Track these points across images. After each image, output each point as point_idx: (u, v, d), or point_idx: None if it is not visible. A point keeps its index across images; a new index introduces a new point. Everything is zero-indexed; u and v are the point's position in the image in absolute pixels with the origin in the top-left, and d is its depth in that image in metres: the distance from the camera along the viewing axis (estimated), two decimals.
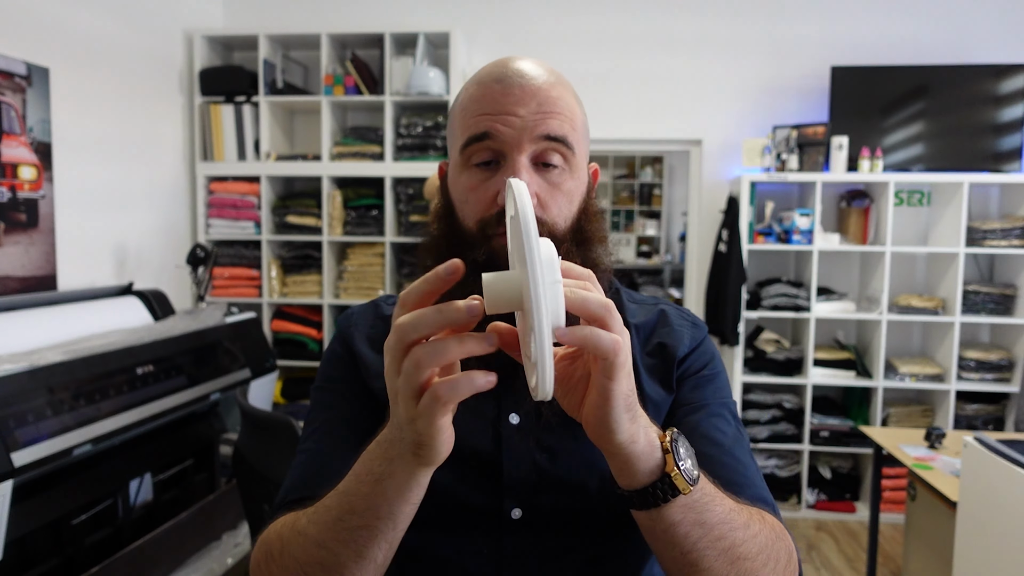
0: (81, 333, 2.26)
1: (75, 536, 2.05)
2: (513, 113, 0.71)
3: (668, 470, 0.57)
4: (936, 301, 3.35)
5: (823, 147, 3.32)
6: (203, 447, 2.64)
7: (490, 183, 0.73)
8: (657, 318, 0.84)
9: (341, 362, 0.83)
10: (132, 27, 3.02)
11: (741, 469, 0.73)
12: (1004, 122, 3.27)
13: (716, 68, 3.56)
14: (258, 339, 2.85)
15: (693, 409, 0.77)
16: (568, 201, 0.74)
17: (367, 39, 3.51)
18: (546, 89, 0.73)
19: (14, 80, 2.40)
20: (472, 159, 0.73)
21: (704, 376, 0.80)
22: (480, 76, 0.75)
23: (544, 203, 0.73)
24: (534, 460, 0.75)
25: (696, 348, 0.82)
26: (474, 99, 0.74)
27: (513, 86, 0.72)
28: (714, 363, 0.83)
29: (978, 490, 1.68)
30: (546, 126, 0.71)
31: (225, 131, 3.45)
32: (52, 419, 1.83)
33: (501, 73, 0.73)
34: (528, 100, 0.71)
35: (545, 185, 0.73)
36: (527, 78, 0.73)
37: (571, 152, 0.73)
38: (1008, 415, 3.36)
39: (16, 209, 2.43)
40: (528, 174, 0.71)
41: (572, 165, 0.74)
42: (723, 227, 3.43)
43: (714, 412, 0.77)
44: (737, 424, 0.78)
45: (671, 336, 0.82)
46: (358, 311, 0.88)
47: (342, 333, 0.86)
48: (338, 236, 3.49)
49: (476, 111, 0.73)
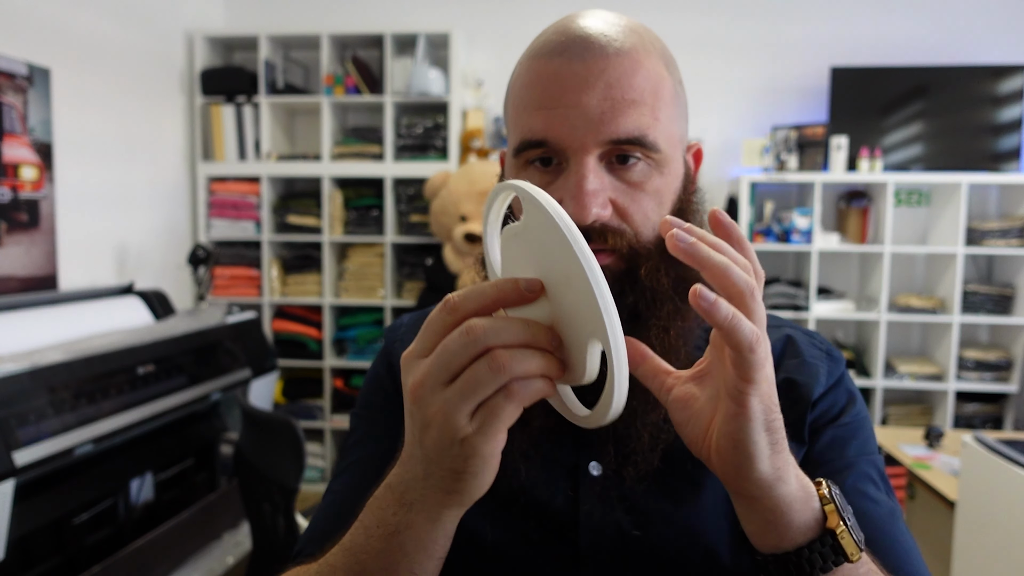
0: (82, 333, 2.26)
1: (76, 535, 2.05)
2: (575, 104, 0.55)
3: (832, 526, 0.44)
4: (935, 301, 3.35)
5: (822, 147, 3.32)
6: (204, 447, 2.64)
7: (553, 189, 0.58)
8: (783, 347, 0.67)
9: (380, 385, 0.71)
10: (133, 27, 3.02)
11: (900, 552, 0.56)
12: (1003, 122, 3.28)
13: (716, 68, 3.56)
14: (258, 339, 2.85)
15: (835, 471, 0.61)
16: (656, 203, 0.59)
17: (367, 39, 3.51)
18: (619, 61, 0.56)
19: (15, 80, 2.41)
20: (529, 157, 0.60)
21: (845, 425, 0.63)
22: (536, 47, 0.60)
23: (623, 210, 0.57)
24: (619, 524, 0.59)
25: (834, 387, 0.65)
26: (527, 84, 0.59)
27: (574, 61, 0.56)
28: (856, 407, 0.65)
29: (977, 490, 1.69)
30: (616, 125, 0.55)
31: (226, 131, 3.46)
32: (53, 419, 1.83)
33: (560, 43, 0.57)
34: (594, 82, 0.55)
35: (623, 187, 0.57)
36: (594, 48, 0.56)
37: (653, 150, 0.57)
38: (1007, 415, 3.37)
39: (17, 209, 2.43)
40: (597, 178, 0.56)
41: (658, 160, 0.58)
42: None
43: (861, 475, 0.61)
44: (888, 490, 0.62)
45: (803, 371, 0.64)
46: (408, 320, 0.75)
47: (386, 348, 0.74)
48: (338, 236, 3.49)
49: (530, 102, 0.58)
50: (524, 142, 0.58)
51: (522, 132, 0.58)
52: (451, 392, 0.40)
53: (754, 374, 0.40)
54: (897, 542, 0.57)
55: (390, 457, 0.65)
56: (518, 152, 0.59)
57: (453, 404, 0.40)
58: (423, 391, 0.41)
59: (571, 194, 0.55)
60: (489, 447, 0.41)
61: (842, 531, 0.43)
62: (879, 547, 0.55)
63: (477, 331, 0.39)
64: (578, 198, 0.55)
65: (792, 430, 0.61)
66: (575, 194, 0.55)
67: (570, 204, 0.55)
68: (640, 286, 0.57)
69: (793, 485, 0.43)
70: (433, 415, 0.41)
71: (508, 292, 0.41)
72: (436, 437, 0.41)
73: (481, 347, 0.39)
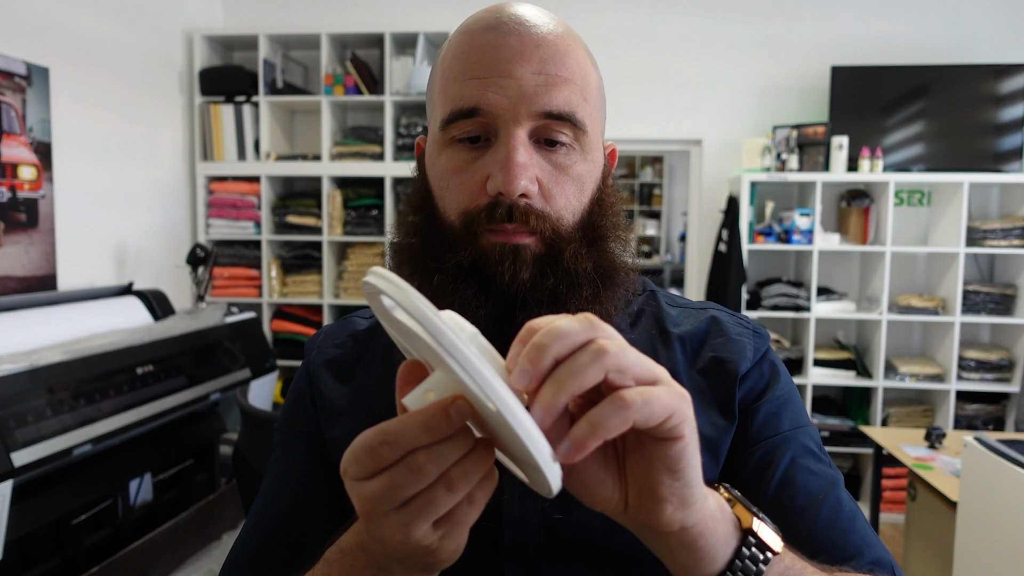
0: (81, 333, 2.26)
1: (75, 536, 2.04)
2: (508, 74, 0.56)
3: (748, 525, 0.43)
4: (936, 301, 3.35)
5: (823, 147, 3.32)
6: (203, 447, 2.64)
7: (477, 165, 0.58)
8: (708, 326, 0.67)
9: (300, 401, 0.70)
10: (132, 27, 3.02)
11: (845, 523, 0.58)
12: (1004, 122, 3.27)
13: (716, 68, 3.55)
14: (258, 339, 2.85)
15: (774, 447, 0.61)
16: (578, 189, 0.60)
17: (367, 39, 3.51)
18: (552, 41, 0.57)
19: (14, 80, 2.40)
20: (454, 134, 0.59)
21: (776, 399, 0.63)
22: (468, 24, 0.60)
23: (547, 191, 0.58)
24: (543, 515, 0.59)
25: (759, 361, 0.65)
26: (459, 56, 0.58)
27: (509, 35, 0.57)
28: (783, 379, 0.65)
29: (978, 490, 1.68)
30: (549, 98, 0.56)
31: (225, 131, 3.45)
32: (52, 419, 1.83)
33: (494, 19, 0.58)
34: (529, 55, 0.56)
35: (549, 168, 0.58)
36: (528, 26, 0.57)
37: (582, 132, 0.59)
38: (1008, 415, 3.36)
39: (16, 209, 2.43)
40: (527, 152, 0.56)
41: (584, 144, 0.59)
42: (723, 227, 3.43)
43: (800, 448, 0.61)
44: (827, 459, 0.63)
45: (729, 348, 0.64)
46: (327, 330, 0.74)
47: (305, 358, 0.72)
48: (338, 236, 3.49)
49: (461, 73, 0.57)
50: (455, 112, 0.57)
51: (453, 102, 0.57)
52: (408, 515, 0.38)
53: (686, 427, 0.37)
54: (842, 512, 0.58)
55: (303, 476, 0.66)
56: (446, 124, 0.58)
57: (412, 524, 0.38)
58: (375, 514, 0.39)
59: (500, 165, 0.55)
60: (456, 544, 0.40)
61: (759, 526, 0.43)
62: (824, 522, 0.57)
63: (427, 468, 0.37)
64: (508, 169, 0.55)
65: (721, 408, 0.62)
66: (504, 165, 0.55)
67: (499, 175, 0.55)
68: (562, 269, 0.58)
69: (710, 503, 0.42)
70: (391, 534, 0.39)
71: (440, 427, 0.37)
72: (398, 548, 0.40)
73: (431, 480, 0.37)
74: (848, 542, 0.57)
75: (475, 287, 0.58)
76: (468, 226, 0.58)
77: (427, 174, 0.63)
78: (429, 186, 0.62)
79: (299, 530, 0.65)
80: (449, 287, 0.58)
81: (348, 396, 0.67)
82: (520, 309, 0.57)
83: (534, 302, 0.57)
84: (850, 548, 0.56)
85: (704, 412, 0.62)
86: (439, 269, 0.58)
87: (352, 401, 0.67)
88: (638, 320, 0.68)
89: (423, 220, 0.62)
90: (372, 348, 0.70)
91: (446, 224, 0.60)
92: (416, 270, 0.61)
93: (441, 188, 0.60)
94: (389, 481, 0.37)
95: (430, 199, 0.62)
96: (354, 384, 0.68)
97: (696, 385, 0.64)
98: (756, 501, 0.56)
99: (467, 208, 0.58)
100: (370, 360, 0.69)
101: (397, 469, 0.37)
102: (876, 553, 0.58)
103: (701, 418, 0.61)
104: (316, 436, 0.68)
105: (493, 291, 0.58)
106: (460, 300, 0.57)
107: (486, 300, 0.57)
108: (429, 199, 0.62)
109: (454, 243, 0.59)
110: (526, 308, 0.57)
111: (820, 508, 0.58)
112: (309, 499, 0.66)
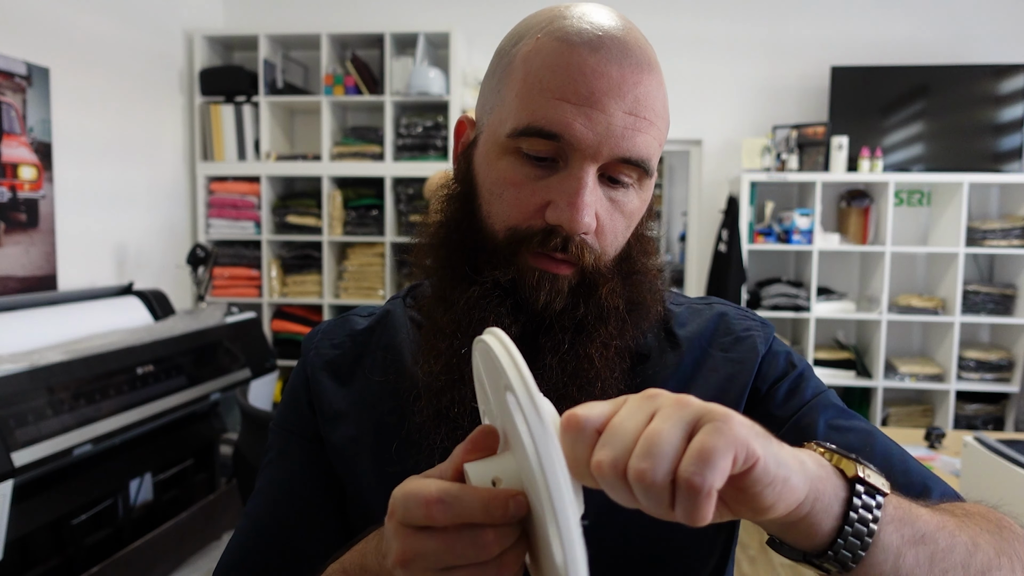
0: (81, 333, 2.26)
1: (75, 536, 2.05)
2: (603, 108, 0.52)
3: (853, 474, 0.41)
4: (936, 301, 3.35)
5: (823, 147, 3.32)
6: (203, 447, 2.64)
7: (540, 186, 0.55)
8: (715, 324, 0.67)
9: (297, 404, 0.69)
10: (132, 27, 3.02)
11: (901, 466, 0.58)
12: (1004, 122, 3.27)
13: (716, 68, 3.56)
14: (258, 339, 2.85)
15: (801, 419, 0.61)
16: (627, 226, 0.59)
17: (367, 39, 3.51)
18: (647, 80, 0.54)
19: (14, 80, 2.40)
20: (523, 147, 0.55)
21: (792, 376, 0.64)
22: (565, 27, 0.54)
23: (601, 228, 0.56)
24: None
25: (767, 352, 0.66)
26: (552, 68, 0.53)
27: (611, 63, 0.52)
28: (794, 358, 0.66)
29: (978, 490, 1.68)
30: (633, 144, 0.53)
31: (225, 131, 3.45)
32: (52, 419, 1.83)
33: (595, 37, 0.53)
34: (626, 93, 0.53)
35: (607, 205, 0.56)
36: (630, 56, 0.53)
37: (647, 176, 0.57)
38: (1008, 415, 3.37)
39: (16, 209, 2.43)
40: (594, 190, 0.54)
41: (643, 184, 0.58)
42: (723, 227, 3.43)
43: (830, 411, 0.61)
44: (854, 413, 0.63)
45: (738, 347, 0.65)
46: (324, 328, 0.72)
47: (303, 359, 0.71)
48: (338, 236, 3.49)
49: (553, 90, 0.53)
50: (533, 128, 0.53)
51: (533, 116, 0.53)
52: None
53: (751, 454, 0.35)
54: (892, 455, 0.58)
55: (302, 480, 0.66)
56: (518, 134, 0.54)
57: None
58: (415, 568, 0.39)
59: (568, 200, 0.54)
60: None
61: (866, 472, 0.42)
62: (876, 457, 0.57)
63: (492, 548, 0.38)
64: (575, 205, 0.53)
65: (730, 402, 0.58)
66: (572, 200, 0.53)
67: (566, 210, 0.54)
68: (594, 302, 0.57)
69: (810, 465, 0.40)
70: None
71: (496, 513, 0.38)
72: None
73: (490, 558, 0.38)
74: (912, 481, 0.57)
75: (509, 306, 0.57)
76: (514, 243, 0.56)
77: (475, 169, 0.59)
78: (475, 183, 0.59)
79: (295, 533, 0.64)
80: (485, 300, 0.57)
81: (348, 398, 0.66)
82: (544, 333, 0.58)
83: (559, 328, 0.58)
84: (915, 488, 0.56)
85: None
86: (478, 280, 0.58)
87: (352, 403, 0.66)
88: None
89: (462, 219, 0.60)
90: (371, 348, 0.69)
91: (487, 232, 0.58)
92: (452, 276, 0.60)
93: (491, 194, 0.57)
94: (447, 545, 0.38)
95: (474, 198, 0.59)
96: (354, 386, 0.67)
97: (706, 384, 0.63)
98: None
99: (517, 225, 0.56)
100: (370, 361, 0.68)
101: (460, 537, 0.38)
102: (940, 487, 0.58)
103: None
104: (314, 440, 0.67)
105: (525, 313, 0.57)
106: (495, 316, 0.57)
107: (516, 319, 0.57)
108: (472, 197, 0.59)
109: (495, 255, 0.57)
110: (550, 333, 0.57)
111: (873, 459, 0.55)
112: (305, 503, 0.65)
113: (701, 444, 0.34)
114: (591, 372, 0.57)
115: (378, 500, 0.61)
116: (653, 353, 0.64)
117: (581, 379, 0.57)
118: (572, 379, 0.57)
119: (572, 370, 0.57)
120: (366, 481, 0.63)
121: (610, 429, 0.36)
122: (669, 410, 0.36)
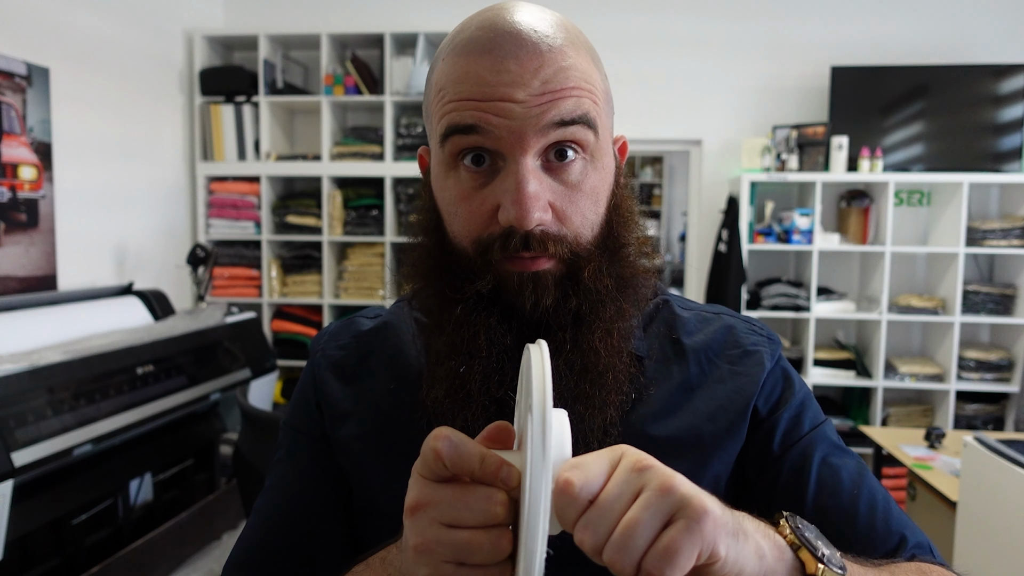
0: (81, 333, 2.26)
1: (75, 536, 2.05)
2: (510, 98, 0.53)
3: (812, 572, 0.45)
4: (936, 301, 3.35)
5: (823, 147, 3.32)
6: (203, 447, 2.64)
7: (486, 193, 0.55)
8: (724, 336, 0.67)
9: (305, 404, 0.70)
10: (132, 27, 3.02)
11: (883, 513, 0.60)
12: (1004, 122, 3.27)
13: (716, 68, 3.55)
14: (258, 339, 2.85)
15: (799, 453, 0.62)
16: (593, 202, 0.57)
17: (367, 39, 3.51)
18: (553, 58, 0.54)
19: (14, 80, 2.40)
20: (459, 155, 0.56)
21: (793, 405, 0.64)
22: (461, 41, 0.56)
23: (562, 213, 0.56)
24: None
25: (774, 368, 0.66)
26: (453, 78, 0.55)
27: (507, 58, 0.53)
28: (796, 383, 0.67)
29: (978, 490, 1.68)
30: (557, 111, 0.53)
31: (225, 131, 3.45)
32: (52, 419, 1.83)
33: (488, 39, 0.54)
34: (529, 77, 0.53)
35: (562, 189, 0.56)
36: (526, 42, 0.53)
37: (594, 134, 0.56)
38: (1008, 415, 3.36)
39: (16, 209, 2.43)
40: (537, 180, 0.54)
41: (596, 151, 0.57)
42: (723, 227, 3.43)
43: (826, 446, 0.63)
44: (847, 448, 0.65)
45: (745, 361, 0.66)
46: (331, 330, 0.74)
47: (311, 359, 0.72)
48: (338, 236, 3.49)
49: (456, 94, 0.54)
50: (451, 127, 0.54)
51: (449, 119, 0.54)
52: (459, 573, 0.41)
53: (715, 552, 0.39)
54: (877, 499, 0.61)
55: (310, 478, 0.67)
56: (444, 139, 0.55)
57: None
58: (424, 517, 0.42)
59: (511, 198, 0.53)
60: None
61: (823, 571, 0.44)
62: (861, 516, 0.59)
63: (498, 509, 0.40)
64: (520, 202, 0.53)
65: (732, 423, 0.62)
66: (516, 198, 0.53)
67: (511, 209, 0.53)
68: (583, 288, 0.57)
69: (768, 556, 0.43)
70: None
71: (489, 471, 0.40)
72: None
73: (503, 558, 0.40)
74: (890, 531, 0.59)
75: (497, 315, 0.57)
76: (482, 254, 0.56)
77: (434, 194, 0.61)
78: (438, 208, 0.60)
79: (304, 530, 0.65)
80: (472, 316, 0.57)
81: (353, 398, 0.67)
82: (544, 335, 0.57)
83: (558, 326, 0.57)
84: (893, 537, 0.59)
85: (713, 418, 0.62)
86: (460, 299, 0.57)
87: (358, 403, 0.67)
88: (651, 323, 0.68)
89: (435, 243, 0.60)
90: (377, 349, 0.70)
91: (458, 250, 0.58)
92: (437, 299, 0.60)
93: (450, 213, 0.58)
94: (457, 496, 0.41)
95: (439, 221, 0.60)
96: (359, 386, 0.68)
97: (711, 394, 0.64)
98: (798, 510, 0.58)
99: (479, 236, 0.56)
100: (375, 361, 0.69)
101: (470, 492, 0.41)
102: (915, 537, 0.60)
103: (710, 419, 0.62)
104: (322, 440, 0.68)
105: (516, 318, 0.57)
106: (485, 329, 0.56)
107: (510, 328, 0.57)
108: (439, 221, 0.60)
109: (470, 270, 0.57)
110: (550, 332, 0.57)
111: (858, 503, 0.60)
112: (313, 500, 0.66)
113: (670, 540, 0.38)
114: (600, 365, 0.57)
115: (384, 496, 0.63)
116: (657, 360, 0.65)
117: (591, 374, 0.57)
118: (582, 376, 0.57)
119: (580, 367, 0.57)
120: (372, 478, 0.64)
121: (596, 508, 0.39)
122: (652, 496, 0.39)
